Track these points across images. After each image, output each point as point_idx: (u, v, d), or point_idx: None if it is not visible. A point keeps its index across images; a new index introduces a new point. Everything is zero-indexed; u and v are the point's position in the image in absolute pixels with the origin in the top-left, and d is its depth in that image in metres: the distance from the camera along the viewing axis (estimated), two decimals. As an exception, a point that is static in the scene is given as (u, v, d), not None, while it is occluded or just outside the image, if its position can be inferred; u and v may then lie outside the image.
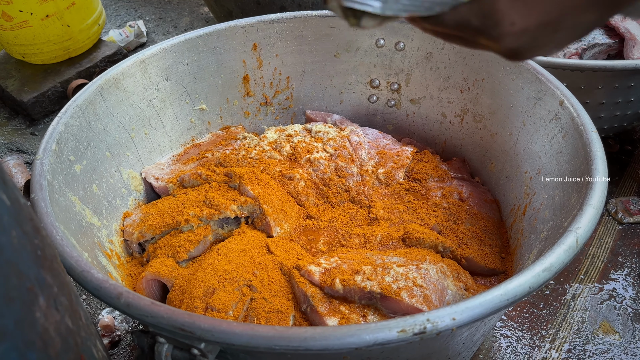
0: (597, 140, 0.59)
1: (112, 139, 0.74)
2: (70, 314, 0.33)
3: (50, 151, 0.61)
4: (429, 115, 0.91)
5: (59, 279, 0.34)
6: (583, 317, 0.76)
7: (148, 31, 1.74)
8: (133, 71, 0.78)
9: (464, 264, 0.69)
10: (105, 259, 0.63)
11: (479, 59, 0.79)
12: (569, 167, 0.62)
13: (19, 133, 1.34)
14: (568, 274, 0.82)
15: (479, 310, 0.41)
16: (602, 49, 0.90)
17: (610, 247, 0.86)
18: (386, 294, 0.57)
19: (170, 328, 0.41)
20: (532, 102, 0.72)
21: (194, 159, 0.85)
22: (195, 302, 0.59)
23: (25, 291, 0.27)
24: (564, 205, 0.59)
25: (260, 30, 0.88)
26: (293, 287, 0.62)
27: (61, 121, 0.65)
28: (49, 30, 1.35)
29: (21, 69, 1.43)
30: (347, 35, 0.89)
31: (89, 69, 1.45)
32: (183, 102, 0.86)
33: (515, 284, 0.43)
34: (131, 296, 0.42)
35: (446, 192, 0.79)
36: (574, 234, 0.48)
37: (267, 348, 0.39)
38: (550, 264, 0.45)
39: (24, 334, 0.26)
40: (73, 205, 0.62)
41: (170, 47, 0.82)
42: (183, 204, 0.72)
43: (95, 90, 0.71)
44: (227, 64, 0.88)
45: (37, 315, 0.28)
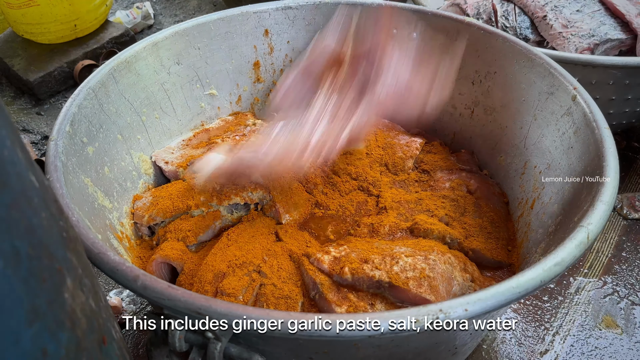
0: (610, 137, 0.59)
1: (123, 121, 0.74)
2: (93, 295, 0.34)
3: (64, 132, 0.61)
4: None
5: (83, 260, 0.34)
6: (586, 310, 0.77)
7: (155, 13, 1.73)
8: (145, 54, 0.77)
9: (470, 256, 0.69)
10: (117, 241, 0.64)
11: (492, 51, 0.79)
12: (580, 163, 0.62)
13: (25, 112, 1.34)
14: (572, 268, 0.83)
15: (491, 302, 0.42)
16: (614, 44, 0.90)
17: (615, 242, 0.87)
18: (394, 283, 0.58)
19: (187, 311, 0.41)
20: (544, 97, 0.72)
21: (203, 144, 0.85)
22: (205, 286, 0.59)
23: (55, 272, 0.28)
24: (574, 201, 0.59)
25: (272, 17, 0.88)
26: (302, 274, 0.63)
27: (74, 102, 0.65)
28: (56, 10, 1.34)
29: (27, 48, 1.43)
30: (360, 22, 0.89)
31: (95, 50, 1.44)
32: (194, 87, 0.86)
33: (527, 277, 0.43)
34: (148, 279, 0.43)
35: (454, 184, 0.79)
36: (586, 229, 0.48)
37: (282, 333, 0.40)
38: (562, 258, 0.45)
39: (55, 314, 0.27)
40: (86, 187, 0.62)
41: (183, 30, 0.81)
42: (193, 188, 0.72)
43: (108, 73, 0.71)
44: (238, 49, 0.88)
45: (66, 296, 0.29)
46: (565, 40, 0.89)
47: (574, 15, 0.90)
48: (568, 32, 0.89)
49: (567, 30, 0.89)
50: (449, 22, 0.82)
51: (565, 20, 0.90)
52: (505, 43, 0.77)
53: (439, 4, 1.17)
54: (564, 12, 0.91)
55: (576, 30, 0.88)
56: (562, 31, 0.89)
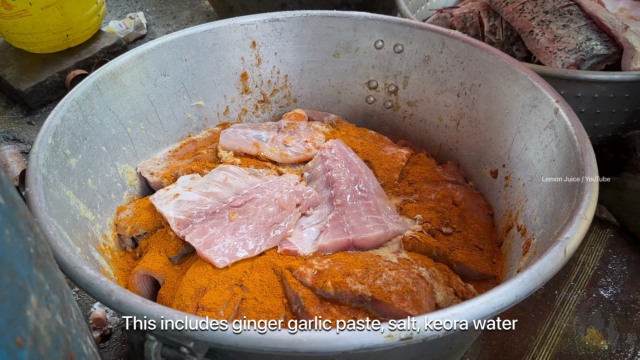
0: (590, 150, 0.59)
1: (108, 133, 0.74)
2: (60, 311, 0.34)
3: (46, 145, 0.61)
4: (425, 118, 0.91)
5: (51, 276, 0.34)
6: (571, 322, 0.77)
7: (148, 23, 1.74)
8: (131, 66, 0.78)
9: (455, 268, 0.69)
10: (99, 254, 0.64)
11: (477, 64, 0.80)
12: (561, 175, 0.62)
13: (16, 122, 1.34)
14: (558, 280, 0.83)
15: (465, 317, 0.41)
16: (600, 59, 0.90)
17: (601, 255, 0.87)
18: (377, 298, 0.57)
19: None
20: (528, 110, 0.72)
21: (189, 154, 0.85)
22: (186, 301, 0.59)
23: (18, 290, 0.28)
24: (555, 214, 0.59)
25: (260, 29, 0.88)
26: (285, 287, 0.62)
27: (58, 114, 0.65)
28: (49, 20, 1.35)
29: (20, 58, 1.43)
30: (346, 35, 0.89)
31: (87, 60, 1.44)
32: (180, 98, 0.86)
33: (501, 292, 0.43)
34: (122, 294, 0.43)
35: (440, 196, 0.79)
36: (563, 244, 0.48)
37: (255, 349, 0.40)
38: (538, 273, 0.46)
39: (15, 333, 0.27)
40: (67, 199, 0.62)
41: (170, 42, 0.82)
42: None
43: (93, 84, 0.71)
44: (225, 61, 0.89)
45: (28, 313, 0.28)
46: (552, 55, 0.89)
47: (561, 30, 0.91)
48: (555, 47, 0.89)
49: (554, 45, 0.89)
50: (434, 34, 0.83)
51: (551, 35, 0.91)
52: (489, 56, 0.78)
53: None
54: (551, 27, 0.92)
55: (563, 45, 0.89)
56: (549, 46, 0.90)
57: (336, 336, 0.39)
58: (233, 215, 0.68)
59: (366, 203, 0.74)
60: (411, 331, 0.40)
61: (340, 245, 0.69)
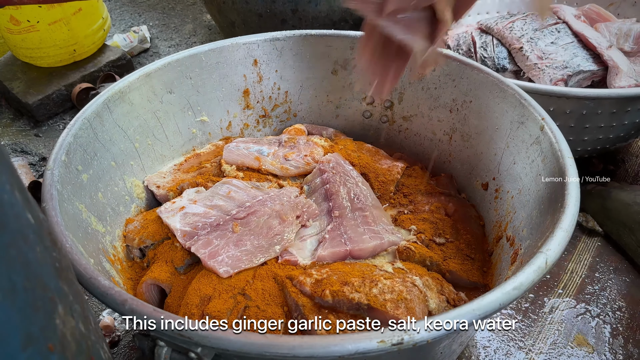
0: (572, 166, 0.63)
1: (117, 149, 0.78)
2: (82, 320, 0.37)
3: (60, 162, 0.64)
4: (419, 132, 0.95)
5: (73, 287, 0.38)
6: (559, 329, 0.81)
7: (151, 37, 1.78)
8: (139, 84, 0.82)
9: (448, 277, 0.73)
10: (109, 264, 0.67)
11: (468, 81, 0.84)
12: (547, 189, 0.66)
13: (24, 134, 1.38)
14: (547, 288, 0.87)
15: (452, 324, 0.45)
16: (586, 75, 0.94)
17: (589, 263, 0.91)
18: (372, 306, 0.61)
19: (170, 333, 0.45)
20: (515, 126, 0.76)
21: (194, 168, 0.89)
22: (192, 309, 0.63)
23: (48, 301, 0.31)
24: (540, 226, 0.63)
25: (261, 47, 0.92)
26: (285, 296, 0.66)
27: (70, 132, 0.69)
28: (56, 35, 1.39)
29: (27, 72, 1.47)
30: (343, 53, 0.93)
31: (93, 73, 1.48)
32: (185, 114, 0.90)
33: (486, 301, 0.47)
34: (135, 303, 0.46)
35: (433, 207, 0.83)
36: (544, 255, 0.52)
37: (258, 354, 0.43)
38: (520, 282, 0.49)
39: (47, 339, 0.30)
40: (80, 213, 0.65)
41: (175, 61, 0.86)
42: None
43: (103, 103, 0.75)
44: (228, 78, 0.93)
45: (57, 322, 0.32)
46: (541, 72, 0.93)
47: (549, 47, 0.95)
48: (543, 64, 0.93)
49: (542, 62, 0.93)
50: (427, 53, 0.87)
51: (540, 52, 0.95)
52: (479, 74, 0.81)
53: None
54: (539, 44, 0.96)
55: (550, 61, 0.93)
56: (538, 62, 0.94)
57: (333, 342, 0.43)
58: (236, 227, 0.72)
59: (363, 215, 0.78)
60: (402, 337, 0.44)
61: (338, 255, 0.72)
